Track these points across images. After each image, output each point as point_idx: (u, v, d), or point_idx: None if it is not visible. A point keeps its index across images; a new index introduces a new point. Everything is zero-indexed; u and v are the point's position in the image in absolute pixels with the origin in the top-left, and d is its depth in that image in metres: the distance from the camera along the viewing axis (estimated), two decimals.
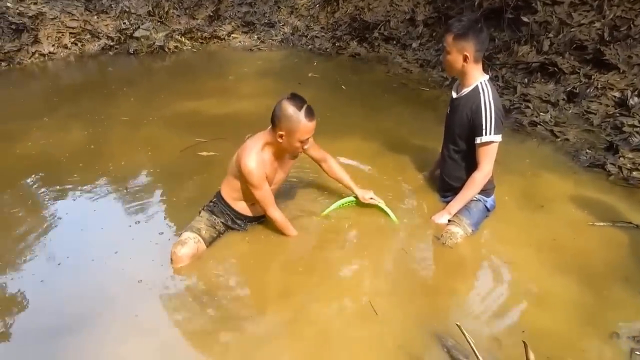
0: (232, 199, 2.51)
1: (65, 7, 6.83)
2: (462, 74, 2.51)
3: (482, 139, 2.44)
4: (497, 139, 2.44)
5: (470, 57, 2.41)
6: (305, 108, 2.22)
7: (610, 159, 3.28)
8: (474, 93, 2.47)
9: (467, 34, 2.37)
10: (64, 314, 2.10)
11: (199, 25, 7.31)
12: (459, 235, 2.50)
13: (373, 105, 4.63)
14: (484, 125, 2.42)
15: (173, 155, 3.49)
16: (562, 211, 2.78)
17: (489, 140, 2.43)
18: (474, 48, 2.39)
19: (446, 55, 2.48)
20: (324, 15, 7.38)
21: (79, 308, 2.12)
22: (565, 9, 4.85)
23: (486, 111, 2.41)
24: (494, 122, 2.41)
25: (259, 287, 2.29)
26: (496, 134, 2.43)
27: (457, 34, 2.38)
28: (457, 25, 2.38)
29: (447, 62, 2.50)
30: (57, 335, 1.97)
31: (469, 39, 2.38)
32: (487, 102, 2.41)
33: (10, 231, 2.69)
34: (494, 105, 2.41)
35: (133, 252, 2.47)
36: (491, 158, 2.51)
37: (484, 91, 2.44)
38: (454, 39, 2.40)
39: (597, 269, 2.33)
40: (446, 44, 2.44)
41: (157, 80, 5.68)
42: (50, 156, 3.53)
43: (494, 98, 2.43)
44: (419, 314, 2.05)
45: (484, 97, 2.42)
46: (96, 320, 2.04)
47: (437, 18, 6.19)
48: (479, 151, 2.50)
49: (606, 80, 4.14)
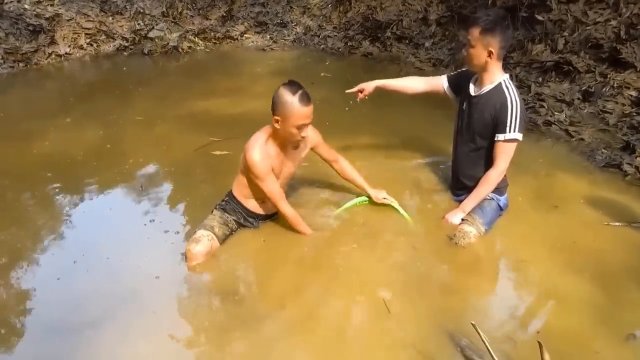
0: (243, 196, 2.53)
1: (81, 8, 6.92)
2: (483, 70, 2.48)
3: (505, 136, 2.42)
4: (519, 137, 2.42)
5: (494, 53, 2.38)
6: (300, 93, 2.22)
7: (627, 159, 3.25)
8: (497, 91, 2.45)
9: (495, 29, 2.34)
10: (80, 311, 2.13)
11: (212, 26, 7.36)
12: (472, 235, 2.49)
13: (385, 104, 4.59)
14: (509, 122, 2.40)
15: (187, 154, 3.52)
16: (577, 211, 2.76)
17: (512, 137, 2.41)
18: (499, 44, 2.36)
19: (469, 48, 2.43)
20: (337, 15, 7.39)
21: (95, 305, 2.15)
22: (580, 7, 4.80)
23: (512, 109, 2.39)
24: (519, 120, 2.39)
25: (271, 284, 2.30)
26: (519, 132, 2.41)
27: (484, 27, 2.34)
28: (485, 19, 2.35)
29: (470, 56, 2.45)
30: (73, 331, 2.00)
31: (495, 34, 2.34)
32: (514, 100, 2.40)
33: (27, 228, 2.74)
34: (520, 103, 2.40)
35: (148, 250, 2.50)
36: (508, 156, 2.49)
37: (509, 89, 2.42)
38: (480, 33, 2.36)
39: (612, 269, 2.31)
40: (471, 37, 2.40)
41: (171, 80, 5.73)
42: (66, 155, 3.58)
43: (519, 96, 2.42)
44: (432, 313, 2.05)
45: (509, 94, 2.41)
46: (111, 318, 2.06)
47: (450, 17, 6.16)
48: (498, 148, 2.48)
49: (622, 79, 4.09)
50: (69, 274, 2.35)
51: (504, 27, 2.36)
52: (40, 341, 2.00)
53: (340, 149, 3.51)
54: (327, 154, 2.67)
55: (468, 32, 2.43)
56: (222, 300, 2.15)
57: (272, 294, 2.24)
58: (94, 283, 2.30)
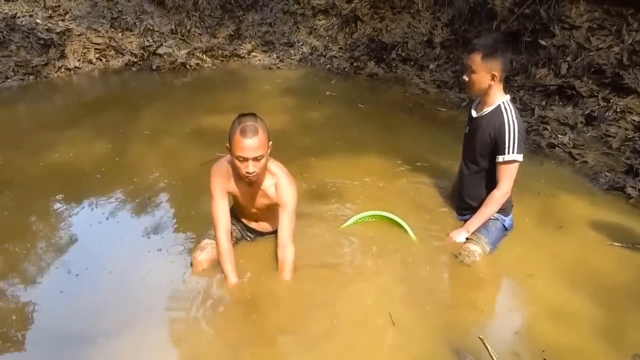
0: (237, 211, 2.56)
1: (92, 24, 7.06)
2: (485, 94, 2.52)
3: (505, 158, 2.45)
4: (519, 158, 2.45)
5: (497, 76, 2.42)
6: (244, 125, 2.05)
7: (630, 182, 3.27)
8: (497, 112, 2.49)
9: (496, 53, 2.38)
10: (84, 323, 2.12)
11: (220, 44, 7.49)
12: (477, 254, 2.50)
13: (390, 124, 4.68)
14: (507, 144, 2.43)
15: (193, 169, 3.55)
16: (581, 232, 2.77)
17: (511, 159, 2.45)
18: (501, 67, 2.41)
19: (471, 74, 2.47)
20: (342, 36, 7.51)
21: (99, 318, 2.15)
22: (583, 33, 4.88)
23: (510, 130, 2.42)
24: (517, 141, 2.42)
25: (277, 296, 2.29)
26: (518, 154, 2.44)
27: (486, 53, 2.39)
28: (485, 45, 2.39)
29: (473, 82, 2.49)
30: (75, 345, 1.99)
31: (497, 58, 2.39)
32: (511, 122, 2.43)
33: (33, 241, 2.75)
34: (517, 125, 2.43)
35: (153, 262, 2.51)
36: (511, 177, 2.52)
37: (507, 110, 2.46)
38: (482, 58, 2.40)
39: (616, 290, 2.31)
40: (472, 63, 2.43)
41: (179, 96, 5.81)
42: (74, 167, 3.62)
43: (517, 118, 2.45)
44: (438, 329, 2.05)
45: (507, 116, 2.44)
46: (114, 331, 2.05)
47: (455, 40, 6.26)
48: (500, 170, 2.51)
49: (625, 104, 4.14)
50: (72, 287, 2.35)
51: (504, 50, 2.41)
52: (39, 354, 1.98)
53: (345, 166, 3.58)
54: (280, 229, 2.30)
55: (469, 59, 2.46)
56: (227, 313, 2.16)
57: (279, 307, 2.24)
58: (96, 296, 2.30)
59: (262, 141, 2.06)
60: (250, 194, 2.34)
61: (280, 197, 2.26)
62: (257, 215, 2.49)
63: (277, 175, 2.26)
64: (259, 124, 2.09)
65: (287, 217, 2.27)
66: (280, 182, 2.25)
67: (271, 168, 2.28)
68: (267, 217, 2.51)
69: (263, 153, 2.08)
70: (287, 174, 2.29)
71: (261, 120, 2.13)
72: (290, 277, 2.31)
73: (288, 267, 2.29)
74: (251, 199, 2.36)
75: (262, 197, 2.32)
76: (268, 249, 2.57)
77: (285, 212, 2.27)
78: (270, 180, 2.27)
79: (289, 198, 2.25)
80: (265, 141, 2.10)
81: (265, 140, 2.09)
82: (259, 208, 2.40)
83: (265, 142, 2.09)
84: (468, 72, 2.50)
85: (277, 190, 2.26)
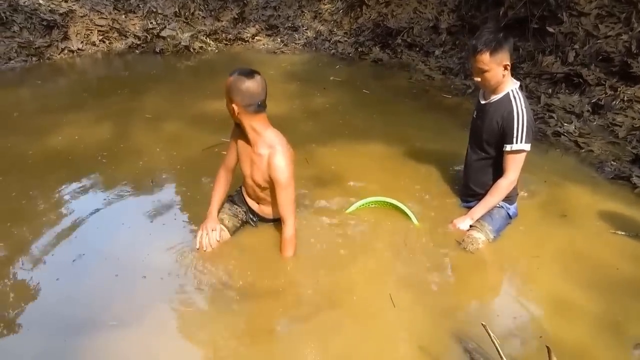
0: (244, 189, 2.57)
1: (95, 5, 6.99)
2: (499, 84, 2.47)
3: (513, 147, 2.44)
4: (527, 147, 2.44)
5: (509, 65, 2.39)
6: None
7: (636, 172, 3.25)
8: (505, 100, 2.46)
9: (502, 45, 2.34)
10: (78, 311, 2.11)
11: (224, 27, 7.41)
12: (481, 241, 2.50)
13: (395, 110, 4.65)
14: (516, 133, 2.41)
15: (197, 153, 3.54)
16: (585, 221, 2.77)
17: (519, 148, 2.43)
18: (509, 56, 2.38)
19: (484, 73, 2.40)
20: (347, 20, 7.43)
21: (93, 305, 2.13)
22: (591, 21, 4.82)
23: (519, 119, 2.40)
24: (526, 130, 2.40)
25: (276, 278, 2.31)
26: (527, 143, 2.42)
27: (492, 49, 2.33)
28: (488, 42, 2.33)
29: (487, 79, 2.42)
30: (72, 332, 1.98)
31: (504, 49, 2.35)
32: (520, 110, 2.41)
33: (32, 226, 2.70)
34: (526, 114, 2.41)
35: (153, 246, 2.49)
36: (518, 166, 2.50)
37: (516, 98, 2.43)
38: (491, 55, 2.34)
39: (619, 279, 2.31)
40: (481, 63, 2.36)
41: (182, 80, 5.77)
42: (77, 151, 3.60)
43: (526, 106, 2.43)
44: (439, 316, 2.07)
45: (516, 104, 2.42)
46: (112, 320, 2.04)
47: (461, 26, 6.19)
48: (507, 159, 2.49)
49: (633, 93, 4.11)
50: (68, 273, 2.32)
51: (506, 38, 2.36)
52: (35, 341, 1.96)
53: (350, 152, 3.57)
54: (278, 205, 2.33)
55: (476, 61, 2.38)
56: (225, 295, 2.18)
57: (274, 288, 2.25)
58: (91, 282, 2.27)
59: (225, 85, 2.15)
60: (247, 152, 2.33)
61: (271, 173, 2.23)
62: (256, 191, 2.44)
63: (271, 148, 2.22)
64: (237, 76, 2.13)
65: (281, 193, 2.26)
66: (272, 159, 2.20)
67: (267, 138, 2.24)
68: (265, 200, 2.49)
69: (226, 97, 2.17)
70: (282, 147, 2.23)
71: (242, 79, 2.13)
72: (290, 253, 2.35)
73: (286, 244, 2.34)
74: (247, 159, 2.35)
75: (256, 165, 2.29)
76: (270, 235, 2.57)
77: (278, 188, 2.25)
78: (264, 150, 2.24)
79: (280, 173, 2.20)
80: (226, 90, 2.15)
81: (226, 87, 2.14)
82: (255, 181, 2.36)
83: (225, 89, 2.15)
84: (478, 72, 2.43)
85: (268, 166, 2.23)
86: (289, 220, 2.30)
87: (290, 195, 2.27)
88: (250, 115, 2.18)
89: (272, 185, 2.31)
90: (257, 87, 2.13)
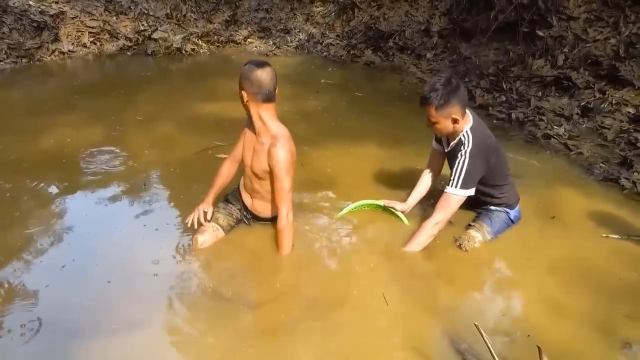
0: (242, 183, 2.60)
1: (86, 7, 6.95)
2: (454, 132, 2.47)
3: (446, 189, 2.43)
4: (460, 193, 2.41)
5: (459, 117, 2.37)
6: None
7: (624, 174, 3.30)
8: (458, 145, 2.45)
9: (449, 100, 2.32)
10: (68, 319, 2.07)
11: (216, 29, 7.42)
12: (478, 240, 2.53)
13: (387, 113, 4.68)
14: (452, 177, 2.42)
15: (189, 156, 3.54)
16: (576, 223, 2.80)
17: (452, 192, 2.42)
18: (459, 109, 2.36)
19: (433, 124, 2.42)
20: (340, 23, 7.46)
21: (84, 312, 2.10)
22: (580, 25, 4.89)
23: (459, 165, 2.39)
24: (463, 177, 2.38)
25: (269, 280, 2.31)
26: (462, 189, 2.40)
27: (438, 104, 2.33)
28: (435, 96, 2.32)
29: (438, 130, 2.46)
30: (65, 337, 1.95)
31: (451, 103, 2.33)
32: (463, 156, 2.39)
33: (21, 230, 2.66)
34: (468, 161, 2.38)
35: (146, 250, 2.47)
36: (447, 210, 2.45)
37: (464, 143, 2.41)
38: (437, 110, 2.35)
39: (609, 280, 2.34)
40: (430, 115, 2.39)
41: (174, 82, 5.76)
42: (67, 153, 3.58)
43: (472, 152, 2.39)
44: (431, 316, 2.08)
45: (463, 150, 2.40)
46: (102, 324, 2.02)
47: (452, 29, 6.25)
48: (441, 198, 2.47)
49: (621, 96, 4.17)
50: (57, 279, 2.28)
51: (455, 91, 2.33)
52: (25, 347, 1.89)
53: (343, 154, 3.58)
54: (274, 191, 2.39)
55: (426, 111, 2.40)
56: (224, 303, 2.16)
57: (268, 289, 2.26)
58: (82, 288, 2.23)
59: (240, 81, 2.26)
60: (252, 141, 2.40)
61: (270, 161, 2.27)
62: (252, 182, 2.46)
63: (274, 139, 2.27)
64: (248, 66, 2.26)
65: (276, 183, 2.31)
66: (272, 148, 2.25)
67: (272, 128, 2.30)
68: (259, 194, 2.49)
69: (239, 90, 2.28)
70: (284, 139, 2.28)
71: (252, 69, 2.24)
72: (286, 247, 2.39)
73: (280, 235, 2.38)
74: (250, 148, 2.40)
75: (257, 153, 2.34)
76: (264, 235, 2.57)
77: (274, 177, 2.30)
78: (267, 139, 2.30)
79: (277, 163, 2.25)
80: (239, 79, 2.26)
81: (239, 77, 2.26)
82: (254, 170, 2.39)
83: (239, 79, 2.26)
84: (428, 122, 2.45)
85: (268, 154, 2.27)
86: (283, 209, 2.33)
87: (285, 186, 2.31)
88: (257, 103, 2.26)
89: (269, 177, 2.35)
90: (266, 76, 2.23)
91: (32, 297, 2.17)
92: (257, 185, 2.46)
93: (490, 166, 2.47)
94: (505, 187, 2.62)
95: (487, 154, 2.45)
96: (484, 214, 2.67)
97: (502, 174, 2.59)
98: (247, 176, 2.49)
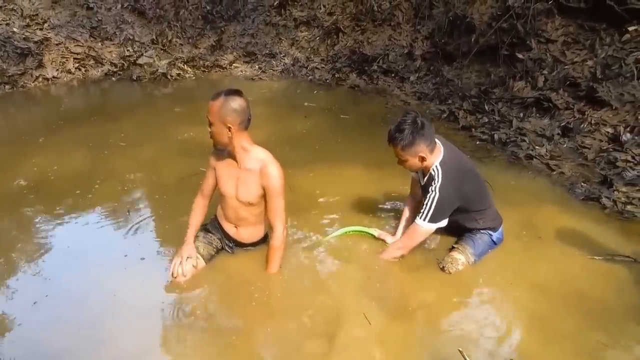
0: (220, 215, 2.57)
1: (71, 33, 6.97)
2: (424, 168, 2.52)
3: (416, 220, 2.49)
4: (427, 226, 2.47)
5: (426, 155, 2.42)
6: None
7: (605, 193, 3.35)
8: (429, 179, 2.50)
9: (414, 140, 2.38)
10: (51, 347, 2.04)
11: (202, 54, 7.47)
12: (461, 262, 2.53)
13: (372, 135, 4.70)
14: (422, 209, 2.46)
15: (174, 183, 3.52)
16: (559, 243, 2.82)
17: (420, 224, 2.47)
18: (425, 147, 2.40)
19: (402, 162, 2.49)
20: (324, 47, 7.56)
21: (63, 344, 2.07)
22: (558, 47, 5.02)
23: (429, 199, 2.44)
24: (433, 211, 2.42)
25: (249, 302, 2.30)
26: (430, 222, 2.45)
27: (404, 145, 2.39)
28: (400, 137, 2.38)
29: (409, 167, 2.52)
30: None
31: (416, 142, 2.39)
32: (434, 191, 2.43)
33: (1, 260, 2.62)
34: (438, 196, 2.41)
35: (130, 283, 2.43)
36: (413, 239, 2.54)
37: (434, 179, 2.45)
38: (403, 149, 2.42)
39: (594, 300, 2.35)
40: (397, 154, 2.46)
41: (160, 107, 5.76)
42: (49, 181, 3.55)
43: (441, 186, 2.42)
44: (415, 341, 2.07)
45: (433, 184, 2.44)
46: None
47: (435, 53, 6.36)
48: (410, 226, 2.56)
49: (599, 116, 4.25)
50: (29, 317, 2.21)
51: (420, 130, 2.37)
52: None
53: (328, 176, 3.59)
54: (268, 212, 2.41)
55: (393, 149, 2.47)
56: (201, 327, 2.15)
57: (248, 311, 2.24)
58: (55, 327, 2.17)
59: (212, 110, 2.18)
60: (232, 172, 2.35)
61: (267, 181, 2.28)
62: (238, 211, 2.43)
63: (264, 161, 2.28)
64: (226, 97, 2.18)
65: (274, 201, 2.34)
66: (266, 169, 2.27)
67: (255, 154, 2.31)
68: (246, 221, 2.48)
69: (212, 121, 2.20)
70: (273, 159, 2.31)
71: (233, 99, 2.19)
72: (276, 266, 2.42)
73: (273, 251, 2.41)
74: (232, 179, 2.36)
75: (243, 181, 2.32)
76: (242, 255, 2.57)
77: (272, 196, 2.32)
78: (254, 164, 2.29)
79: (275, 181, 2.28)
80: (216, 113, 2.17)
81: (215, 111, 2.17)
82: (241, 199, 2.37)
83: (214, 113, 2.17)
84: (398, 159, 2.52)
85: (263, 175, 2.27)
86: (279, 227, 2.37)
87: (282, 204, 2.35)
88: (241, 132, 2.25)
89: (262, 200, 2.36)
90: (245, 103, 2.24)
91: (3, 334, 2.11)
92: (245, 213, 2.44)
93: (465, 195, 2.50)
94: (486, 211, 2.63)
95: (460, 185, 2.48)
96: (467, 235, 2.68)
97: (480, 200, 2.60)
98: (229, 207, 2.45)
